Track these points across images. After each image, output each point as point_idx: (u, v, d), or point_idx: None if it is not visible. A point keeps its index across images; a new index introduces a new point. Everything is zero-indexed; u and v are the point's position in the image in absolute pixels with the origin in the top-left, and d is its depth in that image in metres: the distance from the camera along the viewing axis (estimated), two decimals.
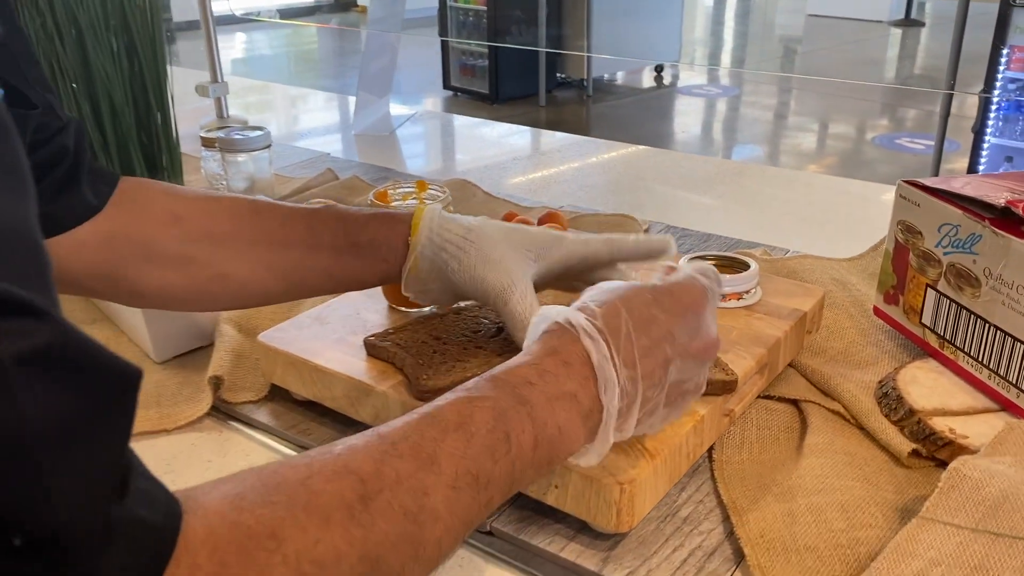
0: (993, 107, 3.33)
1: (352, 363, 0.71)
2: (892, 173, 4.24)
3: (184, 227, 0.65)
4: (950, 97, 3.70)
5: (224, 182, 1.25)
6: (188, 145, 1.36)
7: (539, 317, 0.53)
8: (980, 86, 3.55)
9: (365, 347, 0.72)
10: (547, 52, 5.81)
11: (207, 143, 1.25)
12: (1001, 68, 3.25)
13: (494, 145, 1.69)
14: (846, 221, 1.22)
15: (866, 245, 1.03)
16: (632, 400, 0.51)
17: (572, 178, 1.44)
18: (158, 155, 1.09)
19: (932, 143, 3.77)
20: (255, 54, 8.29)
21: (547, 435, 0.47)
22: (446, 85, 6.03)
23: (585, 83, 6.07)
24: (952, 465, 0.60)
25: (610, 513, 0.58)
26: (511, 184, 1.40)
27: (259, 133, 1.20)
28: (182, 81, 1.26)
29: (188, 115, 1.67)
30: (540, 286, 0.69)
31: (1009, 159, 3.32)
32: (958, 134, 4.15)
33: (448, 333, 0.71)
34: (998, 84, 3.28)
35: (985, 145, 3.38)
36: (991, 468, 0.59)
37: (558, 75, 6.15)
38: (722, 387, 0.65)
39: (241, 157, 1.19)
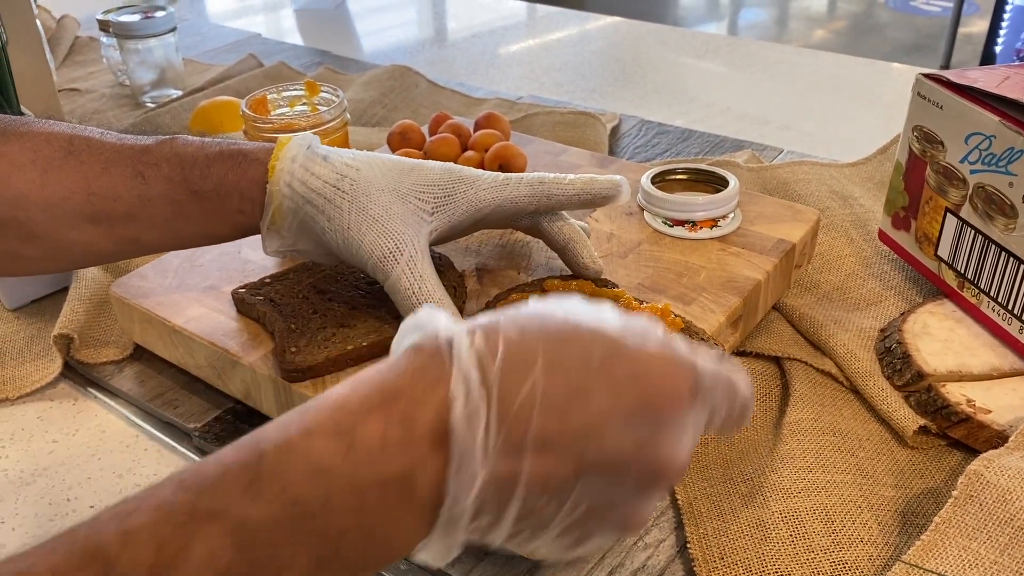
0: None
1: (219, 323, 0.56)
2: (904, 40, 3.97)
3: None
4: None
5: (125, 73, 1.07)
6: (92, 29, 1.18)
7: (414, 319, 0.35)
8: None
9: (234, 302, 0.57)
10: None
11: (104, 27, 1.06)
12: None
13: (455, 19, 1.49)
14: (852, 110, 1.05)
15: (873, 141, 0.86)
16: (504, 504, 0.33)
17: (535, 59, 1.25)
18: None
19: (950, 4, 3.49)
20: None
21: (345, 550, 0.31)
22: None
23: None
24: (972, 466, 0.47)
25: None
26: (471, 67, 1.22)
27: (162, 14, 1.02)
28: None
29: None
30: (445, 240, 0.54)
31: None
32: None
33: (335, 285, 0.56)
34: None
35: (1008, 6, 3.11)
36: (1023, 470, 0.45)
37: None
38: None
39: (140, 44, 1.01)
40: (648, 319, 0.36)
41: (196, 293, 0.59)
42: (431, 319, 0.35)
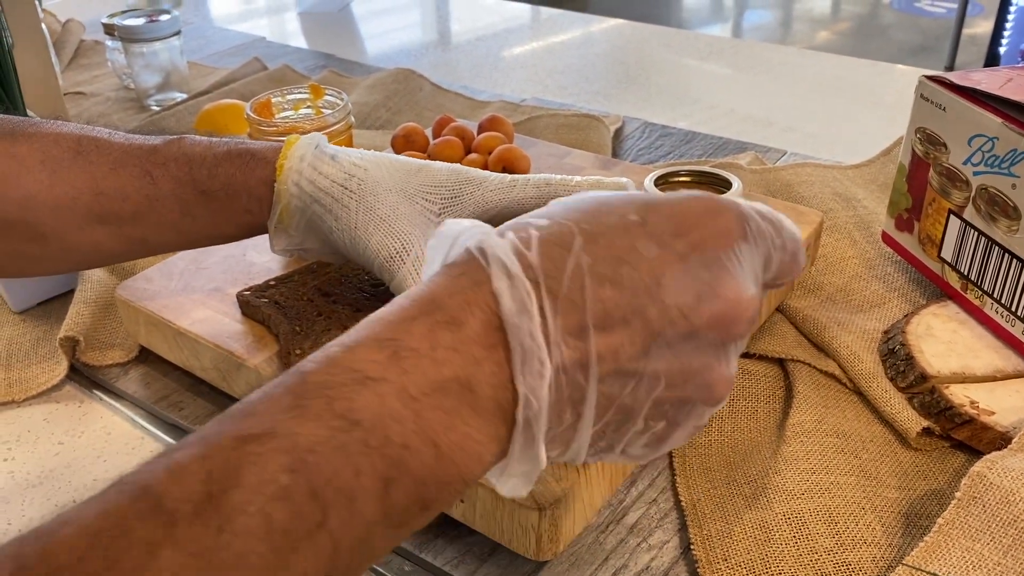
0: None
1: (225, 325, 0.57)
2: (909, 41, 3.97)
3: None
4: None
5: (130, 77, 1.08)
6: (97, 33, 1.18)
7: (437, 235, 0.34)
8: None
9: (239, 304, 0.57)
10: None
11: (109, 30, 1.07)
12: None
13: (459, 22, 1.50)
14: (855, 112, 1.05)
15: (877, 143, 0.86)
16: (580, 394, 0.30)
17: (539, 62, 1.25)
18: None
19: (954, 5, 3.49)
20: None
21: (411, 465, 0.28)
22: None
23: None
24: (975, 468, 0.47)
25: (527, 539, 0.44)
26: (475, 69, 1.22)
27: (166, 18, 1.02)
28: None
29: None
30: None
31: None
32: None
33: (340, 288, 0.57)
34: None
35: (1012, 7, 3.11)
36: None
37: None
38: None
39: (144, 47, 1.02)
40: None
41: (201, 295, 0.60)
42: (455, 229, 0.33)
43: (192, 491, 0.25)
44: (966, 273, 0.60)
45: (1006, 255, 0.56)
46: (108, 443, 0.59)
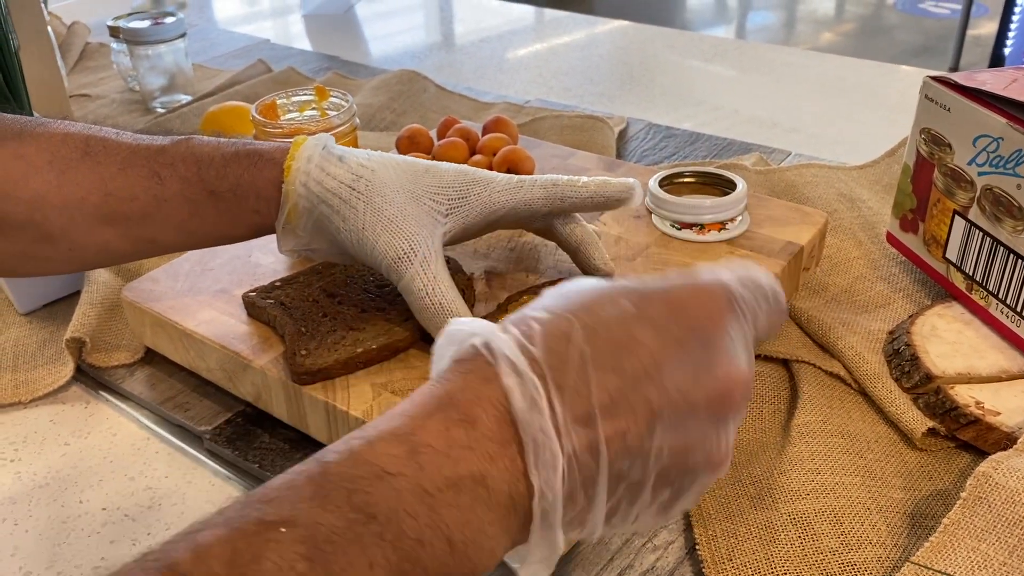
0: None
1: (230, 327, 0.57)
2: (913, 42, 3.96)
3: None
4: None
5: (135, 79, 1.08)
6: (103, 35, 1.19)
7: (446, 335, 0.35)
8: None
9: (244, 305, 0.58)
10: None
11: (114, 33, 1.07)
12: None
13: (463, 23, 1.50)
14: (859, 113, 1.05)
15: (881, 144, 0.86)
16: (591, 479, 0.32)
17: (543, 63, 1.25)
18: None
19: (959, 6, 3.48)
20: None
21: (424, 559, 0.29)
22: None
23: None
24: (981, 468, 0.47)
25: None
26: (479, 71, 1.22)
27: (171, 20, 1.03)
28: None
29: None
30: (458, 241, 0.54)
31: None
32: None
33: (345, 288, 0.57)
34: None
35: (1017, 8, 3.10)
36: None
37: None
38: None
39: (149, 50, 1.02)
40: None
41: (207, 297, 0.60)
42: (462, 329, 0.34)
43: (215, 572, 0.26)
44: (971, 274, 0.60)
45: (1011, 255, 0.56)
46: (114, 444, 0.59)
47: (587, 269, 0.57)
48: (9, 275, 0.59)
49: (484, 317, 0.54)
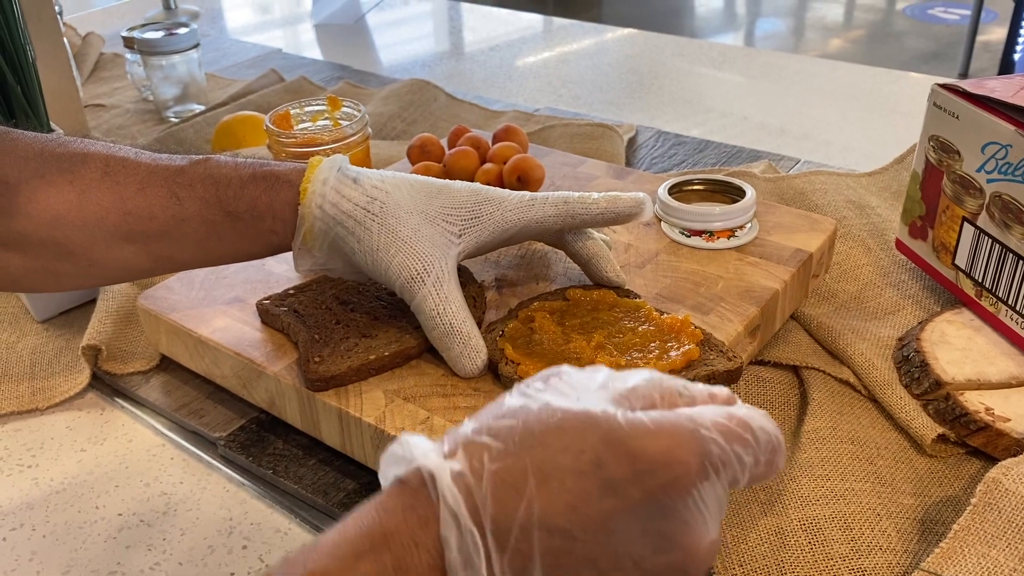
0: None
1: (244, 334, 0.57)
2: (922, 49, 3.96)
3: (16, 199, 0.50)
4: None
5: (149, 89, 1.09)
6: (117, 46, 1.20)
7: (391, 455, 0.33)
8: None
9: (258, 313, 0.58)
10: None
11: (128, 44, 1.08)
12: None
13: (472, 32, 1.51)
14: (868, 120, 1.05)
15: (890, 151, 0.86)
16: None
17: (552, 72, 1.26)
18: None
19: (968, 12, 3.48)
20: None
21: None
22: None
23: None
24: (991, 474, 0.47)
25: None
26: (488, 79, 1.23)
27: (184, 31, 1.04)
28: None
29: (134, 7, 1.50)
30: (472, 256, 0.55)
31: None
32: (995, 2, 3.83)
33: (357, 296, 0.57)
34: None
35: None
36: None
37: None
38: (724, 377, 0.51)
39: (163, 60, 1.03)
40: (646, 370, 0.35)
41: (221, 305, 0.60)
42: (411, 450, 0.32)
43: None
44: (980, 280, 0.61)
45: (1020, 262, 0.57)
46: (130, 450, 0.59)
47: (598, 280, 0.58)
48: (29, 291, 0.60)
49: (496, 323, 0.54)
